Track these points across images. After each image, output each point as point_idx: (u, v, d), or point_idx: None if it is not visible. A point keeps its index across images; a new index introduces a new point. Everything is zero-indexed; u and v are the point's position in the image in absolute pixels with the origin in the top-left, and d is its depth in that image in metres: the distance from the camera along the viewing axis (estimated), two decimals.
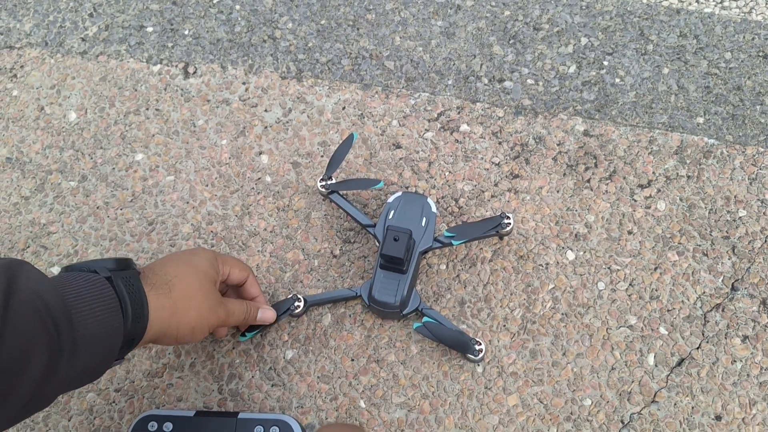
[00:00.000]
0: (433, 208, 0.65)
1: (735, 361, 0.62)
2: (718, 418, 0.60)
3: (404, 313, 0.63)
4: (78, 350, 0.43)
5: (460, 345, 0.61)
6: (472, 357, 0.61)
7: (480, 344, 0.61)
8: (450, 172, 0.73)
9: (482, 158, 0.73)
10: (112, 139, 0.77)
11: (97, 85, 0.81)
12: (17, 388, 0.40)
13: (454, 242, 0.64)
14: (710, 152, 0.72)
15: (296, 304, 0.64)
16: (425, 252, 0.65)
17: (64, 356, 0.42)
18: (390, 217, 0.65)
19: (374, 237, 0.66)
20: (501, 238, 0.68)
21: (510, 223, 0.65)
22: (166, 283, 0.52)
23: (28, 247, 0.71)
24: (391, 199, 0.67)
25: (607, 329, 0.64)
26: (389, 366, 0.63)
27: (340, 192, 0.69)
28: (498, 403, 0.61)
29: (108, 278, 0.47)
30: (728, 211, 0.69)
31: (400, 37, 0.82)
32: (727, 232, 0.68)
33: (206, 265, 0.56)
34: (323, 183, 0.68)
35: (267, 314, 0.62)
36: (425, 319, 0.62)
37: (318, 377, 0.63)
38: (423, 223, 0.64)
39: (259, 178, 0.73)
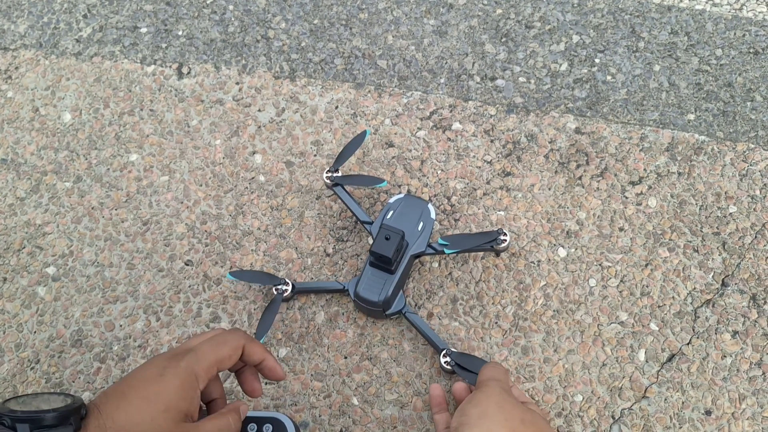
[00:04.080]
0: (432, 215, 0.66)
1: (725, 356, 0.62)
2: (708, 412, 0.60)
3: (387, 313, 0.63)
4: None
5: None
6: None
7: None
8: (442, 170, 0.73)
9: (474, 156, 0.73)
10: (107, 139, 0.77)
11: (92, 86, 0.81)
12: None
13: (446, 251, 0.64)
14: (701, 149, 0.73)
15: (284, 287, 0.65)
16: (417, 256, 0.65)
17: None
18: (388, 216, 0.66)
19: (369, 234, 0.66)
20: (497, 254, 0.68)
21: (506, 240, 0.65)
22: None
23: (24, 247, 0.72)
24: (392, 199, 0.67)
25: (598, 325, 0.64)
26: (382, 363, 0.64)
27: (344, 186, 0.69)
28: None
29: None
30: (719, 208, 0.69)
31: (393, 36, 0.82)
32: (717, 228, 0.68)
33: (173, 399, 0.44)
34: (329, 174, 0.69)
35: (244, 408, 0.51)
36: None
37: (311, 375, 0.64)
38: (419, 228, 0.65)
39: (252, 178, 0.74)
